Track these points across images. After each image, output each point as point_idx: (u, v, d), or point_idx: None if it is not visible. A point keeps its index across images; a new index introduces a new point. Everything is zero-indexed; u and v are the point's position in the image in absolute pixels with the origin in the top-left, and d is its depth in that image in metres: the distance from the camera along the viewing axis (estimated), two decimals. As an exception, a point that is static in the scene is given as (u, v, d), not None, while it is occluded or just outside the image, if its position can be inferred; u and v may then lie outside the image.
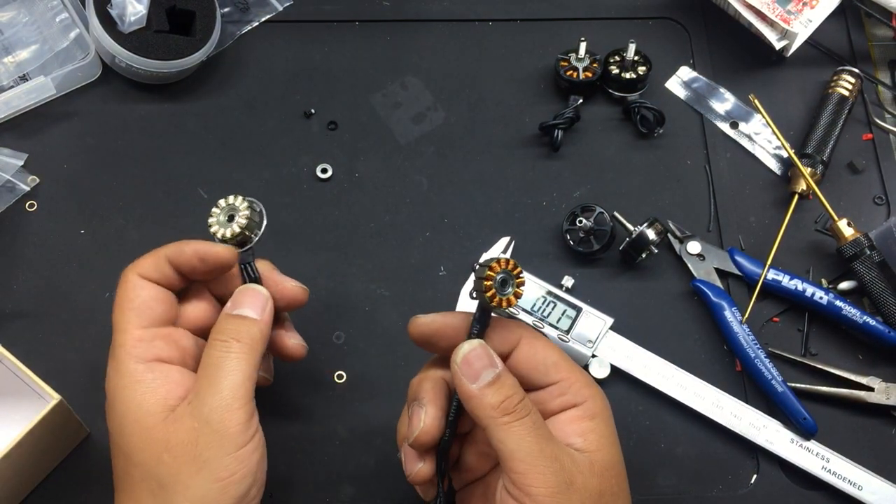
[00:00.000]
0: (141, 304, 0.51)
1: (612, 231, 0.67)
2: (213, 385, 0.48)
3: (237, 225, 0.54)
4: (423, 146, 0.73)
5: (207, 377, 0.49)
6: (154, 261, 0.53)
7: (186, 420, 0.47)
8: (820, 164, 0.71)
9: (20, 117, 0.71)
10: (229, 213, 0.55)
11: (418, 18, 0.78)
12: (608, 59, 0.74)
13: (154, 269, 0.52)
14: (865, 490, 0.61)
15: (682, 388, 0.63)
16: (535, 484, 0.45)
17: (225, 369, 0.49)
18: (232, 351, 0.50)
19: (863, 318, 0.65)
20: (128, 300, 0.52)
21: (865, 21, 0.79)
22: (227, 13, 0.76)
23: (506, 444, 0.46)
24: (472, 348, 0.48)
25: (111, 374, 0.50)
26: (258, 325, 0.52)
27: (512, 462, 0.45)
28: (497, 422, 0.46)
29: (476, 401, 0.47)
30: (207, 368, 0.49)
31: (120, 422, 0.49)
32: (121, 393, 0.49)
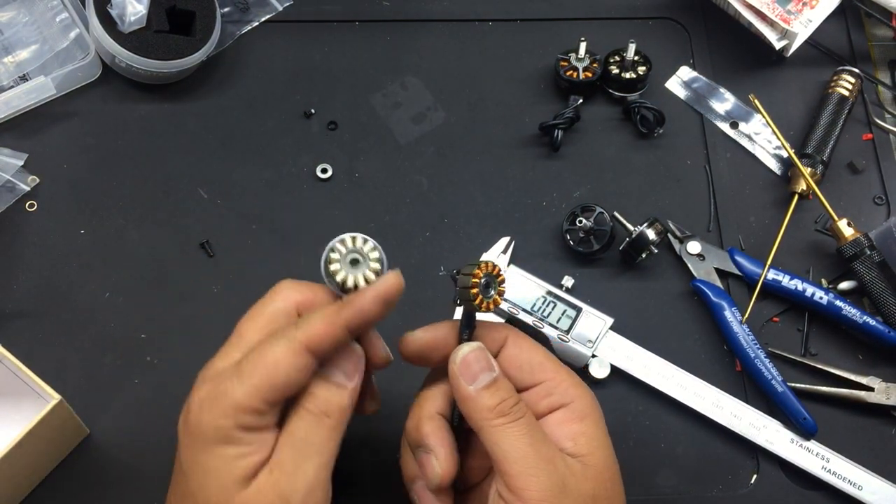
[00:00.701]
0: (287, 382, 0.45)
1: (612, 231, 0.67)
2: (299, 465, 0.45)
3: (371, 271, 0.48)
4: (423, 146, 0.73)
5: (294, 453, 0.45)
6: (332, 333, 0.46)
7: (269, 495, 0.44)
8: (820, 164, 0.71)
9: (20, 117, 0.71)
10: (353, 257, 0.48)
11: (418, 18, 0.78)
12: (608, 59, 0.74)
13: (328, 343, 0.46)
14: (865, 490, 0.61)
15: (682, 388, 0.63)
16: (528, 487, 0.44)
17: (312, 447, 0.46)
18: (322, 426, 0.46)
19: (863, 318, 0.65)
20: (275, 370, 0.45)
21: (865, 21, 0.79)
22: (227, 13, 0.76)
23: (500, 446, 0.45)
24: (471, 350, 0.48)
25: (206, 419, 0.44)
26: (350, 394, 0.47)
27: (505, 465, 0.45)
28: (491, 423, 0.46)
29: (472, 403, 0.46)
30: (294, 441, 0.45)
31: (203, 476, 0.45)
32: (212, 447, 0.45)
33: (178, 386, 0.63)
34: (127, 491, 0.60)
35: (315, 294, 0.50)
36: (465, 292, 0.47)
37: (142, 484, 0.60)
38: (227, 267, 0.68)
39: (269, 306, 0.49)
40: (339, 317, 0.46)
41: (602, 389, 0.64)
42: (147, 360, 0.64)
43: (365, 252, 0.48)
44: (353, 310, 0.46)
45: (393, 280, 0.47)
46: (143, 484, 0.60)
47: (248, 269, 0.67)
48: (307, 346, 0.45)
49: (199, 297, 0.66)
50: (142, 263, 0.67)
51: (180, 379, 0.63)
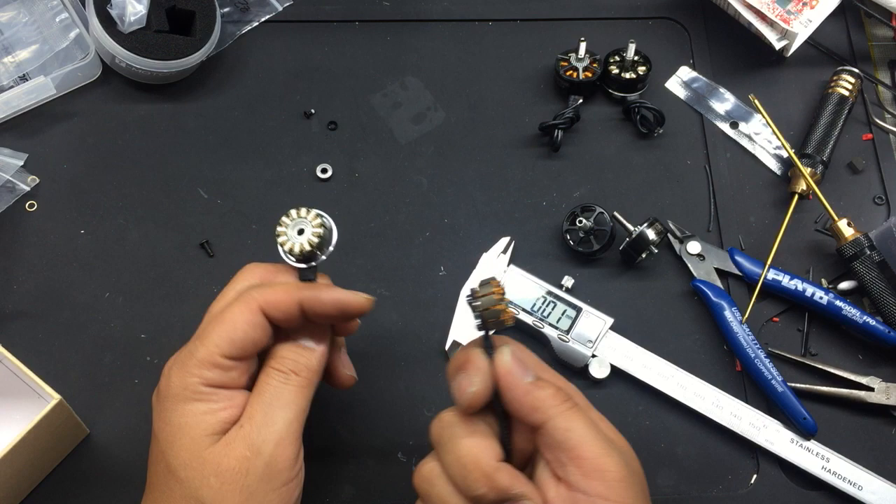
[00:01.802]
0: (244, 337, 0.48)
1: (612, 231, 0.67)
2: (268, 416, 0.48)
3: (307, 241, 0.51)
4: (423, 146, 0.73)
5: (263, 407, 0.48)
6: (286, 302, 0.49)
7: (239, 447, 0.47)
8: (820, 164, 0.71)
9: (20, 117, 0.71)
10: (299, 226, 0.51)
11: (418, 18, 0.78)
12: (608, 59, 0.74)
13: (281, 311, 0.49)
14: (865, 490, 0.61)
15: (682, 388, 0.63)
16: (608, 468, 0.44)
17: (281, 401, 0.48)
18: (290, 383, 0.49)
19: (863, 318, 0.65)
20: (233, 326, 0.48)
21: (865, 21, 0.79)
22: (227, 13, 0.76)
23: (574, 431, 0.45)
24: (512, 350, 0.47)
25: (175, 381, 0.48)
26: (316, 355, 0.51)
27: (581, 448, 0.44)
28: (560, 409, 0.45)
29: (535, 394, 0.46)
30: (263, 397, 0.48)
31: (173, 434, 0.48)
32: (181, 406, 0.48)
33: (178, 386, 0.63)
34: (127, 491, 0.60)
35: (278, 273, 0.53)
36: (493, 312, 0.47)
37: (142, 484, 0.60)
38: (227, 267, 0.67)
39: (236, 287, 0.52)
40: (297, 292, 0.49)
41: (602, 389, 0.64)
42: (147, 360, 0.64)
43: (308, 220, 0.51)
44: (311, 294, 0.49)
45: (358, 299, 0.50)
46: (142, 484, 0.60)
47: (248, 269, 0.67)
48: (261, 306, 0.48)
49: (199, 297, 0.66)
50: (142, 263, 0.67)
51: (180, 379, 0.64)
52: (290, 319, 0.49)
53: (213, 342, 0.48)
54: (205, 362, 0.48)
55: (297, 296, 0.49)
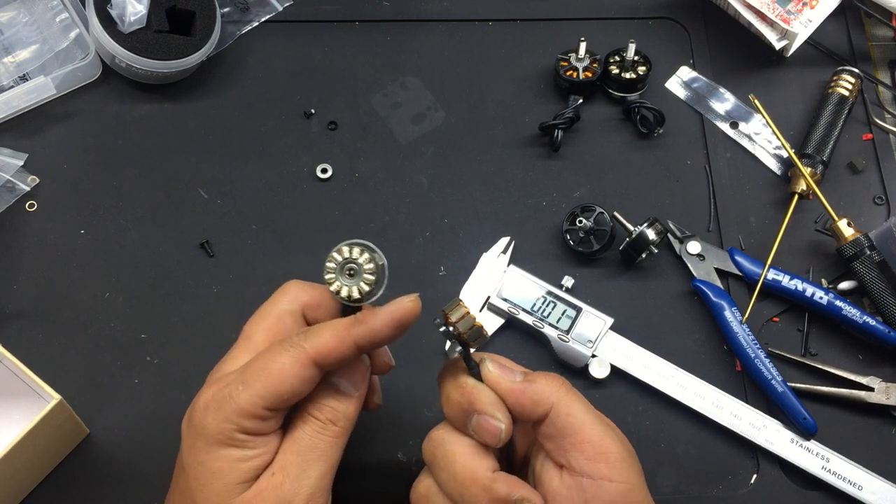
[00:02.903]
0: (291, 391, 0.45)
1: (612, 231, 0.67)
2: (302, 469, 0.46)
3: (358, 289, 0.47)
4: (423, 146, 0.73)
5: (297, 458, 0.46)
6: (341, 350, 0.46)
7: (270, 498, 0.45)
8: (820, 164, 0.71)
9: (20, 117, 0.71)
10: (349, 267, 0.47)
11: (418, 18, 0.78)
12: (608, 59, 0.74)
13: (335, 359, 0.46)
14: (865, 490, 0.61)
15: (682, 388, 0.63)
16: (610, 449, 0.46)
17: (316, 453, 0.46)
18: (327, 433, 0.47)
19: (863, 318, 0.65)
20: (281, 379, 0.45)
21: (865, 21, 0.79)
22: (227, 13, 0.76)
23: (575, 416, 0.46)
24: (492, 358, 0.48)
25: (211, 423, 0.45)
26: (355, 401, 0.48)
27: (584, 432, 0.46)
28: (559, 395, 0.47)
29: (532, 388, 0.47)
30: (299, 447, 0.46)
31: (205, 477, 0.45)
32: (216, 449, 0.45)
33: (178, 386, 0.63)
34: (127, 491, 0.60)
35: (322, 296, 0.50)
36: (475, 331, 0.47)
37: (142, 484, 0.60)
38: (227, 267, 0.68)
39: (275, 307, 0.49)
40: (349, 334, 0.45)
41: (602, 389, 0.64)
42: (147, 360, 0.64)
43: (360, 263, 0.47)
44: (364, 329, 0.45)
45: (409, 305, 0.46)
46: (143, 484, 0.60)
47: (248, 269, 0.67)
48: (314, 360, 0.45)
49: (199, 297, 0.66)
50: (142, 263, 0.67)
51: (180, 379, 0.64)
52: (344, 363, 0.47)
53: (258, 393, 0.45)
54: (246, 413, 0.45)
55: (351, 339, 0.46)
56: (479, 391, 0.47)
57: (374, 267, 0.47)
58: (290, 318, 0.49)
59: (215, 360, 0.64)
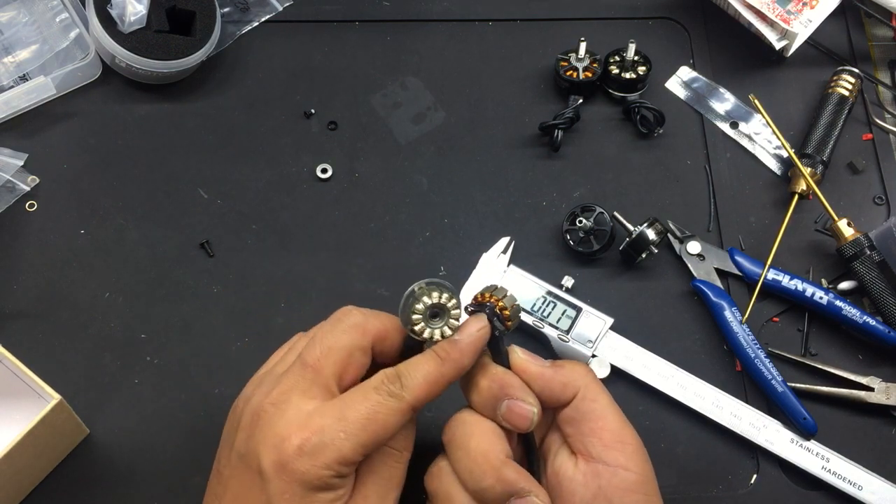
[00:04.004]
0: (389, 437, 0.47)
1: (612, 231, 0.67)
2: (383, 499, 0.47)
3: (450, 327, 0.48)
4: (423, 146, 0.73)
5: (379, 488, 0.47)
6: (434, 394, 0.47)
7: None
8: (820, 164, 0.71)
9: (20, 117, 0.71)
10: (433, 310, 0.48)
11: (418, 18, 0.78)
12: (608, 59, 0.74)
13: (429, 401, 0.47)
14: (865, 490, 0.61)
15: (682, 388, 0.63)
16: (628, 440, 0.47)
17: (394, 482, 0.48)
18: (401, 462, 0.48)
19: (863, 318, 0.65)
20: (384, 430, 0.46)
21: (865, 21, 0.79)
22: (227, 13, 0.76)
23: (599, 402, 0.48)
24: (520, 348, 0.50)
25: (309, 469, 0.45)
26: (415, 427, 0.50)
27: (605, 419, 0.48)
28: (587, 379, 0.49)
29: (561, 372, 0.49)
30: (380, 478, 0.47)
31: None
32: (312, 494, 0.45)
33: (178, 386, 0.63)
34: (127, 491, 0.60)
35: (386, 327, 0.50)
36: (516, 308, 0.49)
37: (142, 484, 0.60)
38: (227, 267, 0.68)
39: (343, 339, 0.49)
40: (442, 376, 0.47)
41: (602, 389, 0.64)
42: (147, 360, 0.64)
43: (447, 307, 0.48)
44: (453, 366, 0.47)
45: (483, 330, 0.48)
46: (143, 484, 0.60)
47: (248, 269, 0.67)
48: (412, 407, 0.47)
49: (199, 297, 0.66)
50: (142, 263, 0.67)
51: (180, 379, 0.64)
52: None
53: (362, 443, 0.45)
54: (348, 461, 0.45)
55: (444, 380, 0.47)
56: (509, 377, 0.49)
57: (459, 311, 0.48)
58: (360, 354, 0.49)
59: (215, 359, 0.64)
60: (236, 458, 0.48)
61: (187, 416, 0.62)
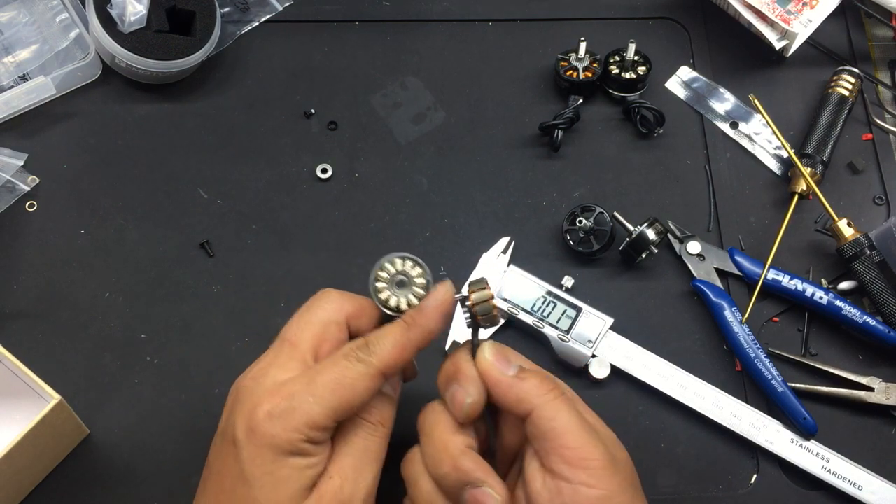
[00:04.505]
0: (361, 403, 0.48)
1: (612, 231, 0.67)
2: (358, 471, 0.48)
3: (408, 302, 0.50)
4: (423, 146, 0.73)
5: (354, 461, 0.48)
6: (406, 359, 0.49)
7: (331, 502, 0.47)
8: (820, 164, 0.71)
9: (20, 117, 0.71)
10: (400, 279, 0.50)
11: (418, 18, 0.78)
12: (608, 59, 0.74)
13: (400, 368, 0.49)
14: (865, 490, 0.61)
15: (682, 388, 0.63)
16: (591, 456, 0.46)
17: (370, 455, 0.48)
18: (377, 435, 0.49)
19: (863, 318, 0.65)
20: (353, 393, 0.47)
21: (865, 21, 0.79)
22: (227, 13, 0.76)
23: (557, 420, 0.46)
24: (492, 344, 0.49)
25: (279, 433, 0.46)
26: (395, 403, 0.51)
27: (564, 438, 0.46)
28: (545, 399, 0.47)
29: (519, 385, 0.48)
30: (354, 450, 0.48)
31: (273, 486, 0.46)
32: (283, 458, 0.46)
33: (178, 386, 0.63)
34: (127, 491, 0.60)
35: (363, 306, 0.52)
36: (485, 306, 0.49)
37: (142, 484, 0.60)
38: (227, 267, 0.68)
39: (319, 315, 0.51)
40: (409, 341, 0.48)
41: (602, 389, 0.64)
42: (147, 360, 0.64)
43: (411, 275, 0.50)
44: (420, 332, 0.48)
45: (448, 294, 0.49)
46: (143, 484, 0.60)
47: (248, 269, 0.67)
48: (382, 372, 0.48)
49: (199, 297, 0.66)
50: (142, 263, 0.67)
51: (180, 379, 0.64)
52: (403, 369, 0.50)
53: (331, 406, 0.46)
54: (317, 424, 0.46)
55: (411, 345, 0.48)
56: (464, 365, 0.49)
57: (424, 281, 0.50)
58: (336, 328, 0.50)
59: (215, 359, 0.64)
60: (219, 437, 0.49)
61: (187, 416, 0.62)
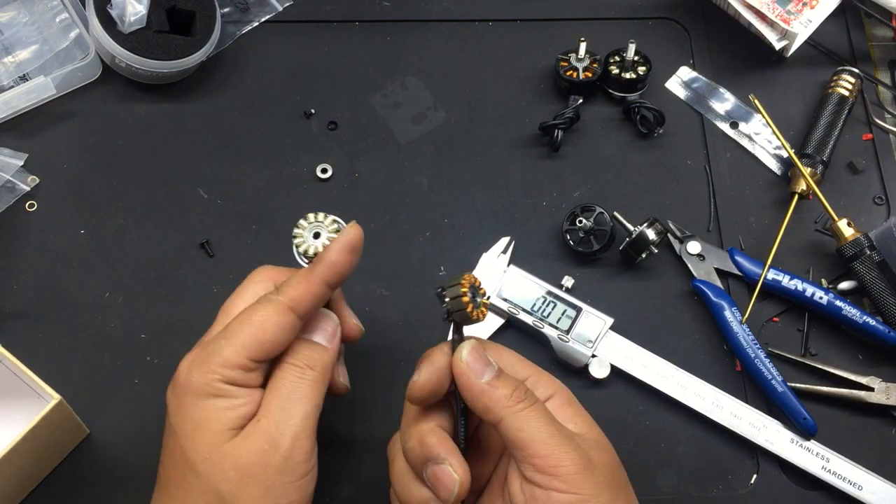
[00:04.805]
0: (273, 340, 0.49)
1: (612, 231, 0.67)
2: (285, 411, 0.48)
3: (322, 244, 0.53)
4: (423, 146, 0.73)
5: (280, 402, 0.49)
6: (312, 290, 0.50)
7: (258, 441, 0.47)
8: (820, 164, 0.71)
9: (20, 117, 0.71)
10: (315, 230, 0.54)
11: (418, 18, 0.78)
12: (608, 59, 0.74)
13: (309, 301, 0.50)
14: (865, 490, 0.61)
15: (682, 388, 0.63)
16: (561, 464, 0.46)
17: (297, 396, 0.49)
18: (306, 378, 0.50)
19: (863, 318, 0.65)
20: (262, 328, 0.49)
21: (865, 21, 0.79)
22: (227, 13, 0.76)
23: (525, 431, 0.46)
24: (472, 347, 0.49)
25: (196, 377, 0.48)
26: (329, 353, 0.52)
27: (534, 447, 0.46)
28: (512, 410, 0.47)
29: (489, 393, 0.47)
30: (280, 392, 0.49)
31: (193, 428, 0.48)
32: (202, 401, 0.48)
33: (178, 386, 0.63)
34: (127, 491, 0.60)
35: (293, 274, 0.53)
36: (456, 302, 0.48)
37: (142, 484, 0.60)
38: (227, 267, 0.68)
39: (250, 288, 0.53)
40: (314, 275, 0.50)
41: (602, 389, 0.64)
42: (147, 360, 0.64)
43: (325, 224, 0.54)
44: (324, 264, 0.50)
45: (352, 231, 0.51)
46: (143, 484, 0.60)
47: (248, 269, 0.67)
48: (290, 307, 0.49)
49: (199, 297, 0.66)
50: (142, 263, 0.67)
51: (180, 379, 0.64)
52: (317, 304, 0.51)
53: (241, 343, 0.48)
54: (230, 363, 0.48)
55: (317, 278, 0.50)
56: (434, 352, 0.49)
57: (336, 226, 0.54)
58: (264, 292, 0.52)
59: (215, 360, 0.64)
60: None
61: (187, 416, 0.62)
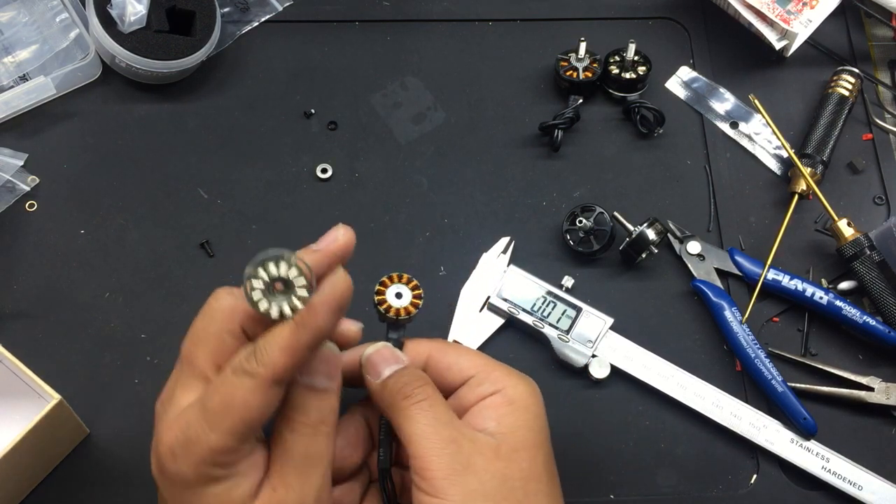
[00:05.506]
0: (261, 417, 0.43)
1: (612, 231, 0.67)
2: (304, 477, 0.44)
3: (298, 298, 0.43)
4: (423, 146, 0.73)
5: (296, 468, 0.44)
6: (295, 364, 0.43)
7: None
8: (820, 164, 0.71)
9: (20, 117, 0.71)
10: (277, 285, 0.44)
11: (418, 18, 0.78)
12: (608, 59, 0.74)
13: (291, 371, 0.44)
14: (865, 490, 0.61)
15: (682, 388, 0.63)
16: (429, 467, 0.44)
17: (315, 457, 0.45)
18: (320, 435, 0.45)
19: (863, 318, 0.65)
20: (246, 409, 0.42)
21: (865, 21, 0.79)
22: (227, 13, 0.76)
23: (403, 429, 0.46)
24: (375, 348, 0.49)
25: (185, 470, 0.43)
26: (336, 394, 0.46)
27: (411, 447, 0.45)
28: (396, 407, 0.46)
29: (379, 391, 0.48)
30: (293, 456, 0.44)
31: None
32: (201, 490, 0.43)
33: (178, 386, 0.63)
34: (127, 491, 0.60)
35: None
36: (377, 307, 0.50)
37: (142, 484, 0.60)
38: (227, 267, 0.68)
39: (212, 325, 0.47)
40: (297, 342, 0.43)
41: (602, 389, 0.64)
42: (147, 360, 0.64)
43: (288, 276, 0.43)
44: (309, 331, 0.43)
45: (342, 286, 0.45)
46: (143, 484, 0.60)
47: (248, 269, 0.67)
48: (273, 381, 0.42)
49: (199, 297, 0.66)
50: (142, 263, 0.67)
51: (180, 379, 0.64)
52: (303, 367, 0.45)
53: (227, 430, 0.42)
54: (219, 451, 0.42)
55: (301, 346, 0.43)
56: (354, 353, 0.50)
57: (304, 282, 0.43)
58: (231, 338, 0.46)
59: (215, 360, 0.64)
60: None
61: (187, 416, 0.62)
